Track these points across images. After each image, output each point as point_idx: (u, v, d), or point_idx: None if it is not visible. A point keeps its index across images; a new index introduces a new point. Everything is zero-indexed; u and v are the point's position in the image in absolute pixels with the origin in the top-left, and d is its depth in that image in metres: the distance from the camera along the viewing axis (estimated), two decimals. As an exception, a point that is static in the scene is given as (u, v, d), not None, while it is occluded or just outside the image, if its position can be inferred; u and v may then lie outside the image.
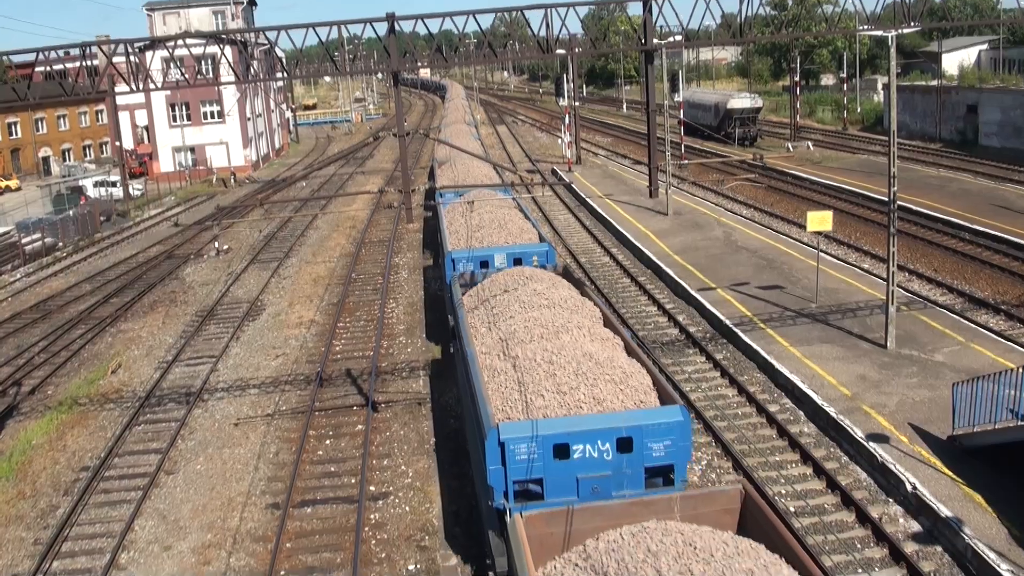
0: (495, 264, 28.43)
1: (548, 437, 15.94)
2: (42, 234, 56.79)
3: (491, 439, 15.92)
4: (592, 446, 16.05)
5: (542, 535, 13.34)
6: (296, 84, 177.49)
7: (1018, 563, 16.91)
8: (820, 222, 31.95)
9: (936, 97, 77.21)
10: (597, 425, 16.18)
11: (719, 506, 14.21)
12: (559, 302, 21.90)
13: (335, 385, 30.53)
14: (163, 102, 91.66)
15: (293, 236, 57.17)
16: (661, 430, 16.11)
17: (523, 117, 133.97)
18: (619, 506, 14.12)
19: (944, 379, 25.09)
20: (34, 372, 34.17)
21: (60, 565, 20.77)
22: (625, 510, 13.87)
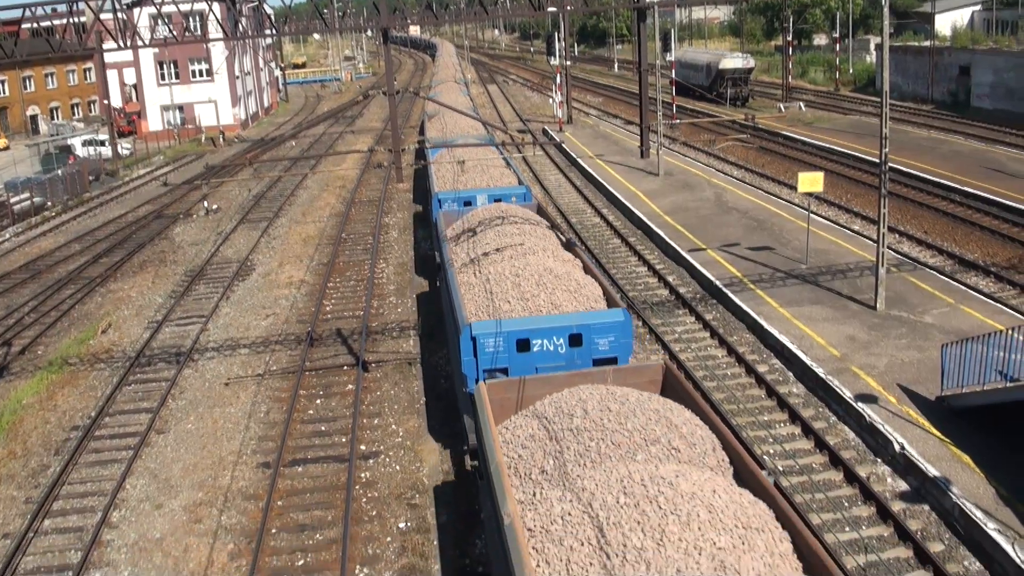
0: (477, 203, 30.79)
1: (512, 333, 19.30)
2: (31, 194, 56.43)
3: (465, 335, 19.30)
4: (548, 341, 19.46)
5: (502, 399, 16.10)
6: (285, 42, 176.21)
7: (1005, 522, 17.07)
8: (811, 183, 31.92)
9: (929, 58, 76.92)
10: (553, 324, 19.56)
11: (645, 378, 16.89)
12: (528, 232, 25.45)
13: (325, 345, 30.53)
14: (151, 60, 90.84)
15: (283, 196, 56.95)
16: (606, 328, 19.50)
17: (514, 76, 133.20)
18: (563, 376, 16.61)
19: (933, 340, 25.20)
20: (24, 332, 34.09)
21: (51, 523, 20.84)
22: (568, 380, 16.44)
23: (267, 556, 18.89)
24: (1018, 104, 64.98)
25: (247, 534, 19.74)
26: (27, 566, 19.26)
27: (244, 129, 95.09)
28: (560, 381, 16.41)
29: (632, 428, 13.80)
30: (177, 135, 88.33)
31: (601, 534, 11.34)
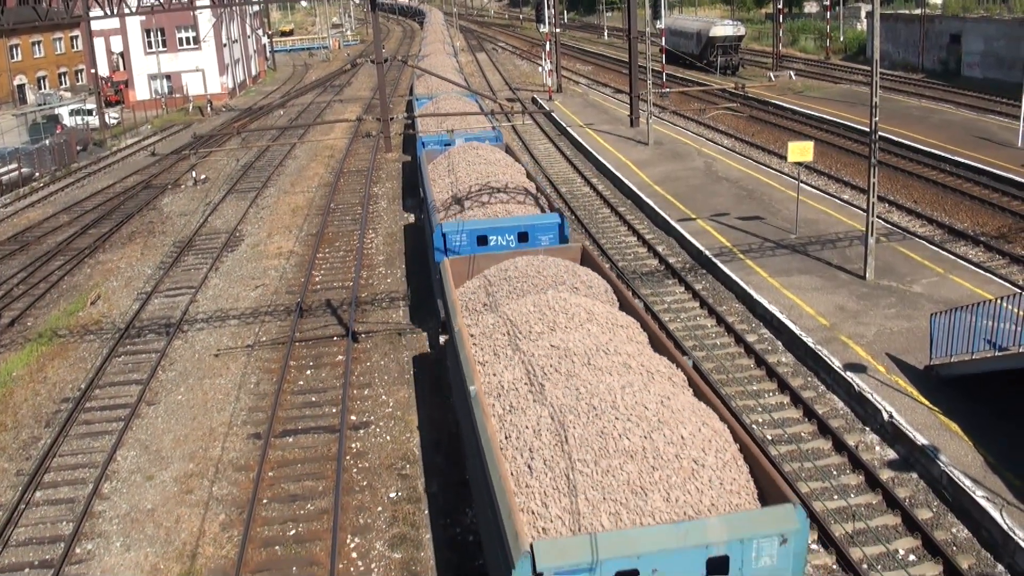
0: (455, 144, 35.07)
1: (473, 231, 25.35)
2: (18, 164, 56.05)
3: (437, 231, 25.29)
4: (502, 237, 25.37)
5: (460, 271, 21.73)
6: (272, 9, 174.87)
7: (993, 489, 17.20)
8: (801, 152, 31.87)
9: (919, 26, 76.72)
10: (505, 224, 25.59)
11: (568, 256, 22.20)
12: (494, 160, 31.98)
13: (315, 316, 30.52)
14: (138, 28, 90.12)
15: (271, 165, 56.71)
16: (547, 227, 25.55)
17: (503, 44, 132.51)
18: (505, 253, 22.01)
19: (922, 310, 25.29)
20: (13, 304, 33.98)
21: (43, 495, 20.87)
22: (508, 255, 21.74)
23: (258, 526, 18.96)
24: (1008, 73, 64.87)
25: (238, 505, 19.80)
26: (19, 537, 19.30)
27: (232, 98, 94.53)
28: (503, 256, 21.79)
29: (547, 275, 19.72)
30: (164, 104, 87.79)
31: (515, 328, 16.78)
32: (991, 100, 58.49)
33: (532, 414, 13.71)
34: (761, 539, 11.58)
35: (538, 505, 12.18)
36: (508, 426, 13.82)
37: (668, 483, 12.34)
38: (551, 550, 11.07)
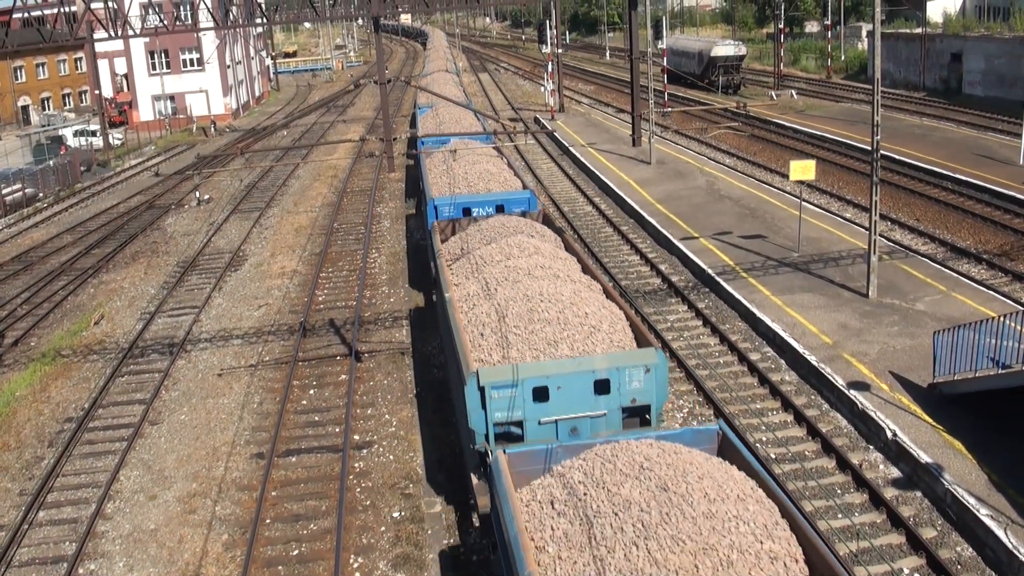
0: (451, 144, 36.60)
1: (459, 203, 29.00)
2: (22, 184, 56.24)
3: (431, 204, 28.97)
4: (483, 208, 28.84)
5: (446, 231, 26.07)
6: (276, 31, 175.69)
7: (997, 508, 17.16)
8: (803, 171, 31.93)
9: (920, 45, 76.91)
10: (486, 198, 29.38)
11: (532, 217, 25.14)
12: (482, 154, 35.67)
13: (318, 335, 30.54)
14: (142, 49, 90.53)
15: (275, 185, 56.84)
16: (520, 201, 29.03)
17: (505, 64, 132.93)
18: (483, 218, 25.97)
19: (925, 327, 25.28)
20: (16, 324, 34.04)
21: (46, 515, 20.85)
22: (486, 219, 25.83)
23: (261, 546, 18.93)
24: (1009, 91, 65.01)
25: (241, 524, 19.78)
26: (22, 558, 19.28)
27: (235, 118, 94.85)
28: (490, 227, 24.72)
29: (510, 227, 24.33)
30: (168, 125, 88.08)
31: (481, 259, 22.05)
32: (992, 118, 58.57)
33: (485, 307, 19.31)
34: (631, 368, 16.79)
35: (486, 355, 17.88)
36: (469, 315, 19.36)
37: (572, 339, 17.88)
38: (489, 373, 16.49)
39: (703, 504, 11.64)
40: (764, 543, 11.24)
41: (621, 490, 12.11)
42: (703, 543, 11.08)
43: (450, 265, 23.53)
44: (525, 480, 13.72)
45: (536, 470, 13.92)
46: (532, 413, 16.66)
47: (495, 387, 16.42)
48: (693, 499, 11.74)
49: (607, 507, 11.90)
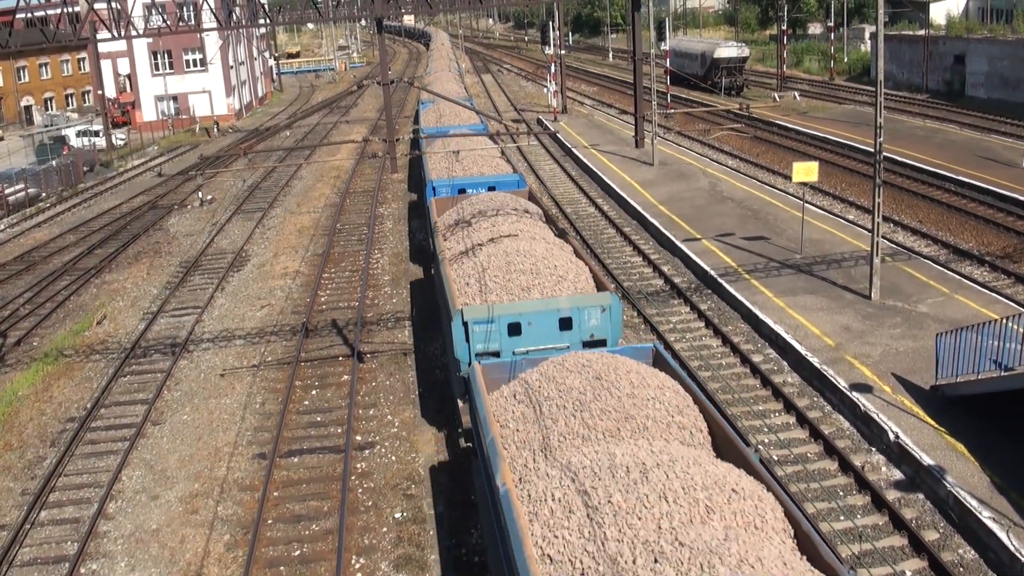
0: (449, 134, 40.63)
1: (455, 184, 32.54)
2: (25, 184, 56.28)
3: (429, 185, 32.94)
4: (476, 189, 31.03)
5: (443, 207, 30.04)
6: (279, 32, 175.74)
7: (999, 510, 17.14)
8: (806, 173, 31.93)
9: (923, 47, 76.88)
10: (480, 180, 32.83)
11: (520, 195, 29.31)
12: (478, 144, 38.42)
13: (321, 336, 30.54)
14: (145, 50, 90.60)
15: (277, 186, 56.86)
16: (510, 183, 32.02)
17: (508, 65, 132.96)
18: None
19: (928, 330, 25.26)
20: (19, 323, 34.06)
21: (48, 515, 20.86)
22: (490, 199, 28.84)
23: (263, 546, 18.93)
24: (1012, 93, 65.01)
25: (243, 525, 19.78)
26: (24, 557, 19.29)
27: (238, 119, 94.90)
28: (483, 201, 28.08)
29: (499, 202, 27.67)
30: (171, 125, 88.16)
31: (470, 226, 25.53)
32: (995, 120, 58.56)
33: (471, 261, 23.03)
34: (590, 308, 20.38)
35: (469, 299, 21.64)
36: (457, 270, 23.34)
37: (543, 286, 21.77)
38: (472, 311, 20.17)
39: (627, 388, 14.80)
40: (675, 417, 14.47)
41: (566, 381, 15.18)
42: (625, 414, 14.25)
43: (444, 231, 27.20)
44: (496, 386, 16.67)
45: (504, 378, 16.89)
46: (507, 345, 19.96)
47: (476, 322, 20.00)
48: (620, 385, 14.87)
49: (554, 393, 15.00)
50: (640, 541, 10.89)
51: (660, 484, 11.70)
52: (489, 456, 13.76)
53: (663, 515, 11.28)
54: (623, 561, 10.57)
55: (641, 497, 11.55)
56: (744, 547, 10.50)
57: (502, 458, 13.31)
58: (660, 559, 10.43)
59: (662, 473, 11.91)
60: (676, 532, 10.90)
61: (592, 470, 12.22)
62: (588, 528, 11.20)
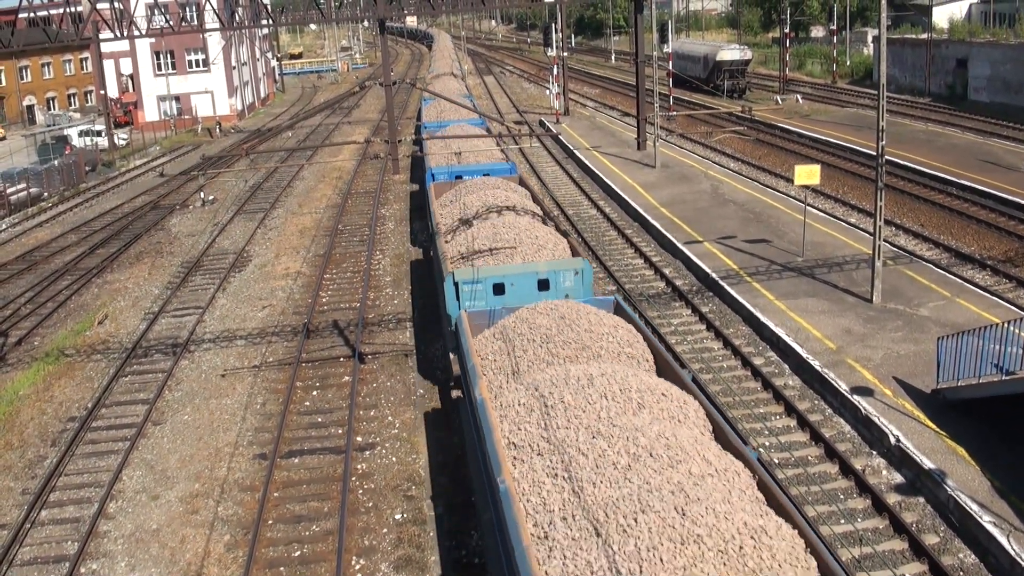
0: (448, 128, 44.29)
1: (452, 171, 35.70)
2: (27, 184, 56.32)
3: (429, 172, 36.19)
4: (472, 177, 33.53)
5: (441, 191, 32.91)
6: (282, 32, 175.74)
7: (1000, 514, 17.13)
8: (808, 176, 31.93)
9: (926, 51, 76.89)
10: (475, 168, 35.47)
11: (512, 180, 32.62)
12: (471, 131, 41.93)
13: (322, 336, 30.55)
14: (148, 50, 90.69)
15: (279, 187, 56.88)
16: (503, 170, 35.17)
17: (511, 67, 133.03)
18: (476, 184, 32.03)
19: (929, 333, 25.24)
20: (20, 323, 34.08)
21: (48, 514, 20.86)
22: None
23: (263, 547, 18.93)
24: (1015, 97, 65.01)
25: (244, 525, 19.78)
26: (24, 557, 19.29)
27: (240, 119, 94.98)
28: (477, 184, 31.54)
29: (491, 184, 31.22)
30: (173, 125, 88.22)
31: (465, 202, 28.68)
32: (997, 124, 58.57)
33: (463, 233, 26.43)
34: (565, 271, 23.22)
35: (458, 265, 24.60)
36: (450, 239, 27.01)
37: (524, 253, 24.91)
38: (461, 272, 23.09)
39: (586, 326, 17.54)
40: (625, 348, 17.29)
41: (535, 321, 17.90)
42: (582, 344, 17.11)
43: (440, 210, 30.29)
44: (479, 331, 19.24)
45: (486, 324, 19.46)
46: (492, 303, 21.92)
47: (465, 283, 22.87)
48: (580, 323, 17.61)
49: (525, 331, 17.74)
50: (583, 426, 13.58)
51: (603, 387, 14.45)
52: (471, 379, 16.41)
53: (603, 408, 13.98)
54: (568, 440, 13.22)
55: (586, 396, 14.26)
56: (664, 428, 13.12)
57: (480, 377, 16.26)
58: (596, 436, 13.15)
59: (605, 381, 14.65)
60: (612, 419, 13.64)
61: (551, 382, 14.93)
62: (544, 420, 13.93)
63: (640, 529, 10.88)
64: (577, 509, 11.60)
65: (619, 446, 12.64)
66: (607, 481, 11.94)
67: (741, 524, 10.92)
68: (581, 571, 10.55)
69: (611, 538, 10.84)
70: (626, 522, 11.05)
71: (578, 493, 11.87)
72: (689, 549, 10.55)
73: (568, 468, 12.45)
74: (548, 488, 12.29)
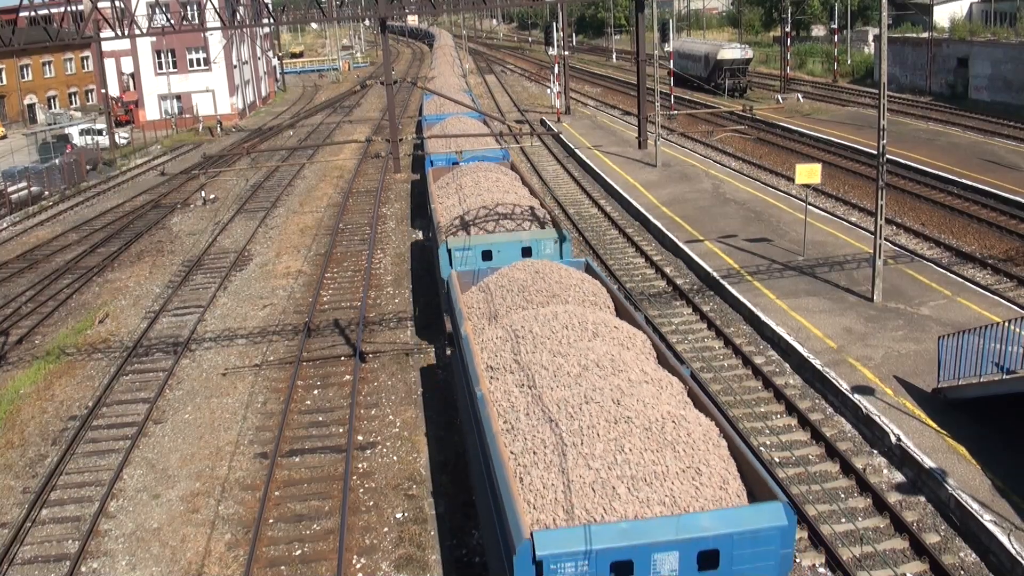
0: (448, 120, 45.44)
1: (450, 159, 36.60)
2: (28, 183, 56.32)
3: (428, 159, 37.34)
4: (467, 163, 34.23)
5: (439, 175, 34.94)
6: (283, 31, 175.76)
7: (1001, 513, 17.12)
8: (809, 175, 31.90)
9: (927, 50, 76.86)
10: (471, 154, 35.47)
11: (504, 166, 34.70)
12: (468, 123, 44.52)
13: (323, 335, 30.56)
14: (149, 49, 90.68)
15: (280, 186, 56.89)
16: (496, 156, 36.43)
17: (512, 66, 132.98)
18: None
19: (930, 332, 25.23)
20: (21, 322, 34.08)
21: (49, 513, 20.87)
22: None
23: (264, 546, 18.93)
24: (1016, 96, 64.98)
25: (244, 524, 19.79)
26: (25, 555, 19.30)
27: (242, 118, 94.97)
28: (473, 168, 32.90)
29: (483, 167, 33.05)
30: (174, 124, 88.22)
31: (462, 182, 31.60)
32: (998, 123, 58.55)
33: (456, 209, 28.95)
34: (545, 240, 25.44)
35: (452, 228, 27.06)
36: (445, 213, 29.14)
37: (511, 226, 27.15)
38: (454, 240, 25.32)
39: (557, 278, 19.87)
40: (590, 297, 19.60)
41: (513, 275, 20.29)
42: (552, 293, 19.39)
43: (437, 191, 32.57)
44: (467, 288, 21.53)
45: (473, 282, 21.74)
46: (481, 267, 23.13)
47: (457, 250, 24.99)
48: (552, 276, 19.94)
49: (504, 283, 20.12)
50: (547, 350, 16.27)
51: (565, 320, 17.09)
52: (458, 321, 19.01)
53: (563, 336, 16.66)
54: (534, 360, 15.94)
55: (551, 327, 16.94)
56: (612, 350, 15.94)
57: (466, 319, 18.96)
58: (556, 355, 15.91)
59: (568, 316, 17.31)
60: (570, 343, 16.42)
61: (523, 320, 17.56)
62: (515, 348, 16.70)
63: (583, 415, 13.77)
64: (536, 406, 14.46)
65: (573, 360, 15.56)
66: (561, 385, 14.91)
67: (665, 412, 13.78)
68: (536, 447, 13.49)
69: (560, 422, 13.77)
70: (573, 411, 13.94)
71: (538, 396, 14.72)
72: (620, 427, 13.44)
73: (532, 380, 15.36)
74: (516, 395, 15.20)
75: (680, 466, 12.92)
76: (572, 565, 11.59)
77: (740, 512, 12.16)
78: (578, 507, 12.40)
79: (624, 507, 12.30)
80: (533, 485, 12.89)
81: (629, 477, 12.69)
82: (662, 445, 13.14)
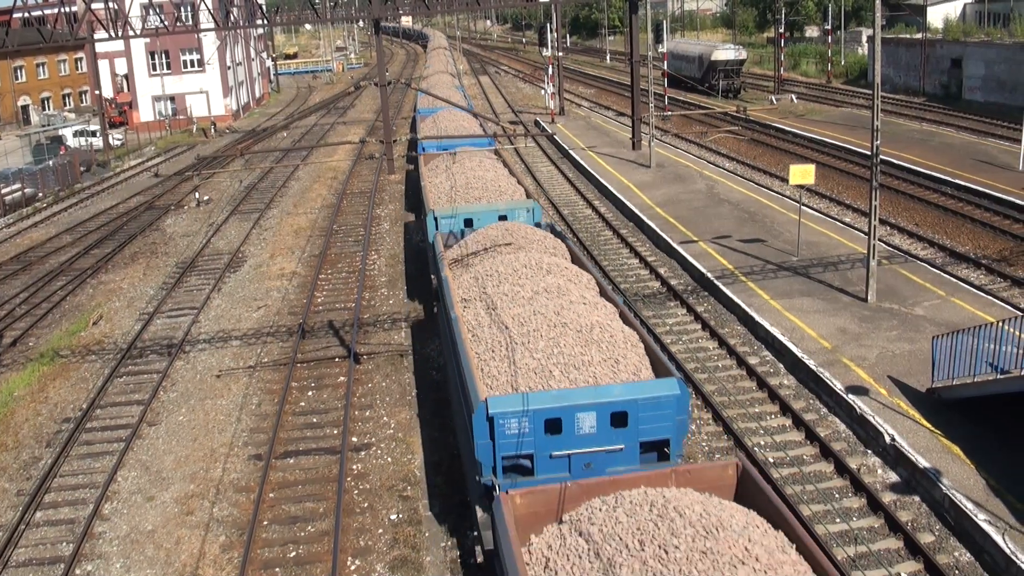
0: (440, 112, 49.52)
1: (439, 146, 39.71)
2: (21, 184, 56.18)
3: (420, 144, 40.03)
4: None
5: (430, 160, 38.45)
6: (277, 32, 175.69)
7: (995, 513, 17.16)
8: (802, 175, 31.94)
9: (920, 50, 76.98)
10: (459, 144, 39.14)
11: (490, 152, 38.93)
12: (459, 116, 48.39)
13: (317, 337, 30.53)
14: (142, 50, 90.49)
15: (274, 187, 56.83)
16: (483, 144, 39.55)
17: (506, 67, 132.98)
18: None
19: (924, 332, 25.27)
20: (15, 324, 34.01)
21: (43, 516, 20.83)
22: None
23: (259, 548, 18.91)
24: (1009, 96, 65.09)
25: (239, 526, 19.76)
26: (19, 558, 19.26)
27: (235, 120, 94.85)
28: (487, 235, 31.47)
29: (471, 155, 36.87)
30: (168, 126, 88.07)
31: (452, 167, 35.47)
32: (992, 123, 58.64)
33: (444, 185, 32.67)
34: (519, 210, 28.21)
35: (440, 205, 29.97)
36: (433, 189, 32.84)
37: (489, 198, 30.88)
38: (440, 210, 28.33)
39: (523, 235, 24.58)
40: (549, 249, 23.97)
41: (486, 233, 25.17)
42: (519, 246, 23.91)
43: (427, 171, 35.63)
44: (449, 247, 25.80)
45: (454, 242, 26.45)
46: (464, 231, 26.61)
47: (442, 217, 27.98)
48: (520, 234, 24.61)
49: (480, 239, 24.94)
50: (508, 282, 20.18)
51: (524, 262, 21.01)
52: (440, 269, 22.45)
53: (522, 274, 20.49)
54: (497, 291, 19.78)
55: (512, 267, 20.82)
56: (559, 282, 20.04)
57: (445, 261, 23.18)
58: (514, 286, 19.89)
59: (526, 258, 21.31)
60: (527, 278, 20.26)
61: (491, 263, 21.47)
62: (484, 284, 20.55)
63: (530, 323, 17.96)
64: (496, 320, 18.57)
65: (528, 288, 19.63)
66: (516, 305, 19.01)
67: (595, 320, 17.97)
68: (495, 347, 17.70)
69: (512, 329, 17.97)
70: (523, 321, 18.11)
71: (498, 314, 18.79)
72: (557, 330, 17.63)
73: (494, 304, 19.36)
74: (481, 315, 19.20)
75: (602, 357, 17.02)
76: (516, 421, 15.25)
77: (643, 384, 15.89)
78: (523, 385, 16.47)
79: (558, 385, 16.41)
80: (490, 372, 17.12)
81: (563, 364, 16.79)
82: (589, 343, 17.29)
